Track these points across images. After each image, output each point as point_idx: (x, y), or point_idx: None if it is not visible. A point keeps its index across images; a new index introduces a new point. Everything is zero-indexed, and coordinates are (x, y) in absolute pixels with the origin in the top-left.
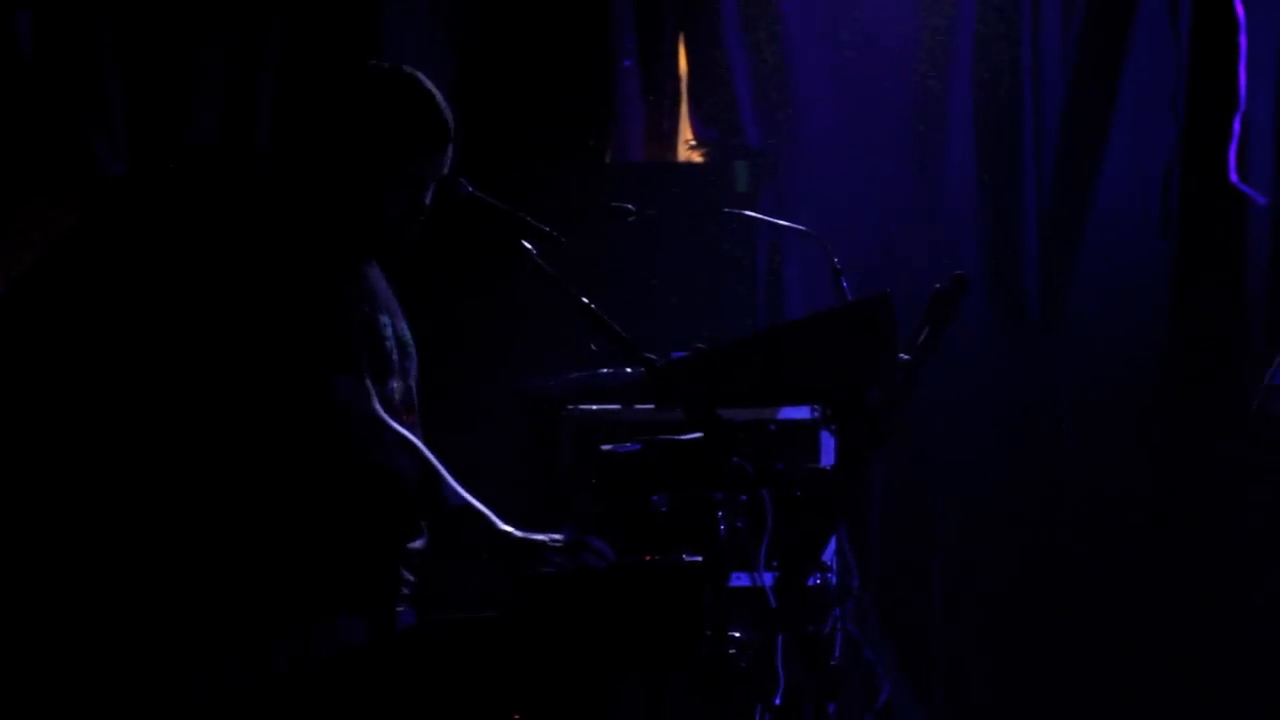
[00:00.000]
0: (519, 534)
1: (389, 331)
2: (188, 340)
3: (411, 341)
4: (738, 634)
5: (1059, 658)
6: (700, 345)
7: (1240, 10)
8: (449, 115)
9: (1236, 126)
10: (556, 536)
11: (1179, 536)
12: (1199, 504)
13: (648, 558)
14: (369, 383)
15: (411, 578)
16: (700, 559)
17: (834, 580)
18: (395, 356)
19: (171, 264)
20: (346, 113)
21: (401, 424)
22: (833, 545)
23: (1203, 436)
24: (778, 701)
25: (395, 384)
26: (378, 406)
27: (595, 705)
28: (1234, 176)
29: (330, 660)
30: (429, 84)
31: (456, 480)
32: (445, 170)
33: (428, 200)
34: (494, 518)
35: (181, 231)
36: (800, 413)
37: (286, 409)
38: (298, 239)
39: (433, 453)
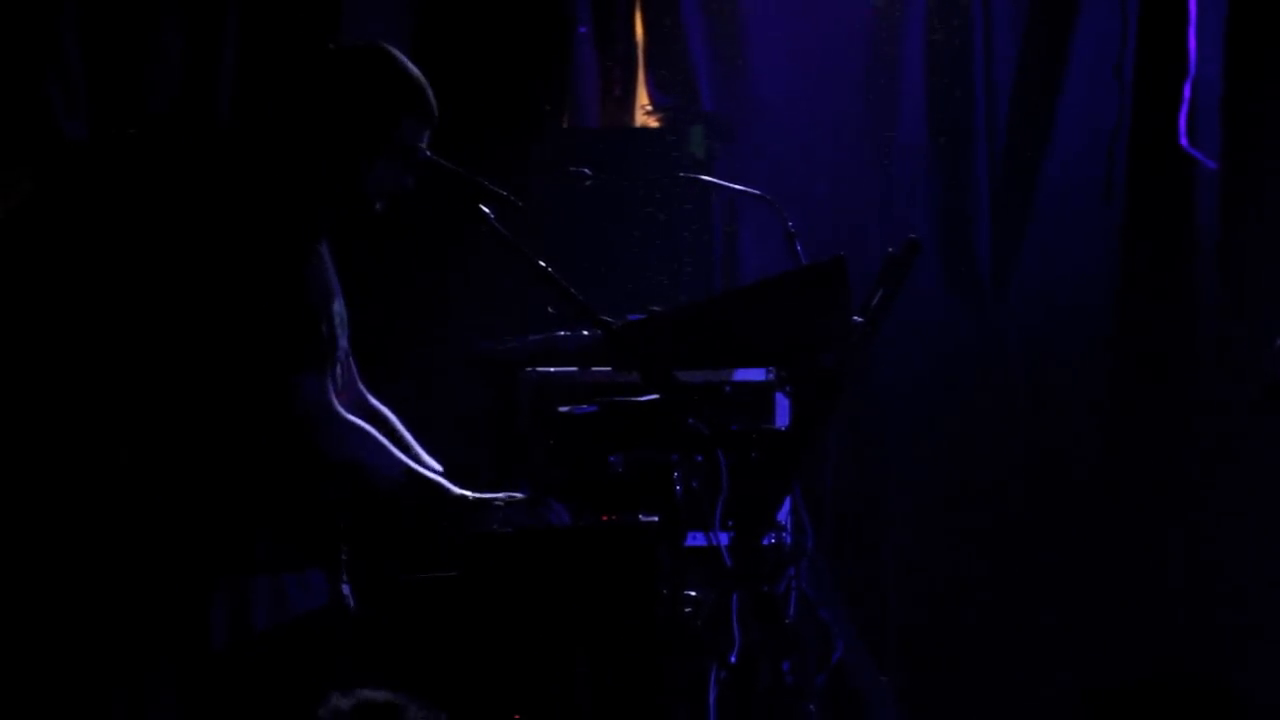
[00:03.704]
0: (473, 495)
1: (338, 320)
2: (147, 315)
3: (345, 315)
4: (693, 593)
5: (1011, 617)
6: (656, 308)
7: None
8: (431, 92)
9: (1187, 92)
10: (515, 495)
11: (1130, 500)
12: (1150, 467)
13: (604, 518)
14: (325, 377)
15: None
16: (656, 519)
17: (788, 540)
18: (339, 341)
19: (133, 234)
20: (331, 86)
21: (352, 399)
22: (787, 505)
23: (1153, 401)
24: (733, 660)
25: (339, 367)
26: (334, 401)
27: (552, 663)
28: (1184, 141)
29: (287, 623)
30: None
31: (409, 449)
32: (425, 149)
33: (407, 181)
34: (447, 484)
35: (144, 200)
36: (755, 375)
37: (246, 399)
38: (270, 220)
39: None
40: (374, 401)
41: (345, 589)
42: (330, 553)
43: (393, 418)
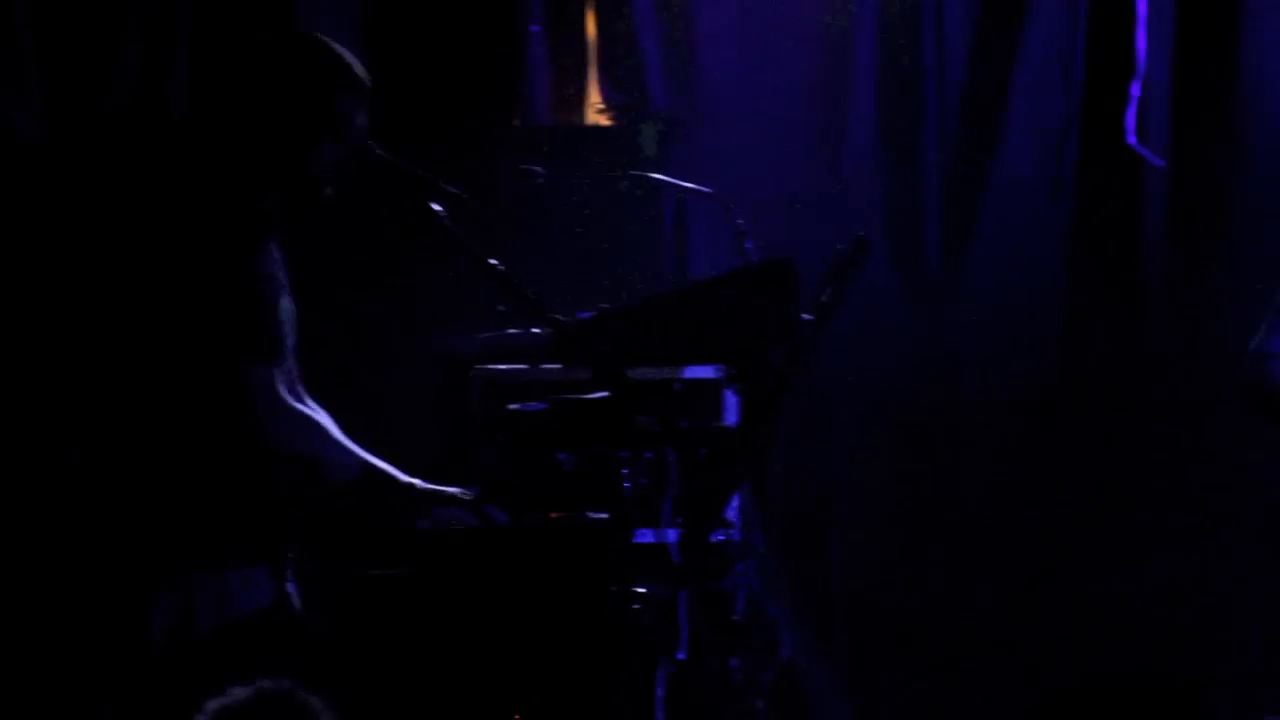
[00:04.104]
0: (423, 485)
1: (286, 317)
2: (100, 309)
3: (294, 313)
4: (642, 590)
5: (960, 614)
6: (606, 305)
7: None
8: (358, 65)
9: (1135, 90)
10: (465, 491)
11: (1078, 495)
12: (1098, 464)
13: (554, 515)
14: (274, 368)
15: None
16: (605, 516)
17: (737, 537)
18: (287, 338)
19: (89, 233)
20: (262, 75)
21: (296, 398)
22: (736, 502)
23: (1101, 398)
24: (681, 656)
25: (288, 362)
26: (284, 392)
27: (499, 660)
28: (1132, 139)
29: (230, 623)
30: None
31: (360, 441)
32: (364, 124)
33: (349, 160)
34: (396, 473)
35: (99, 200)
36: (705, 372)
37: (195, 391)
38: (218, 213)
39: (332, 416)
40: (309, 402)
41: (290, 588)
42: (276, 550)
43: (328, 418)
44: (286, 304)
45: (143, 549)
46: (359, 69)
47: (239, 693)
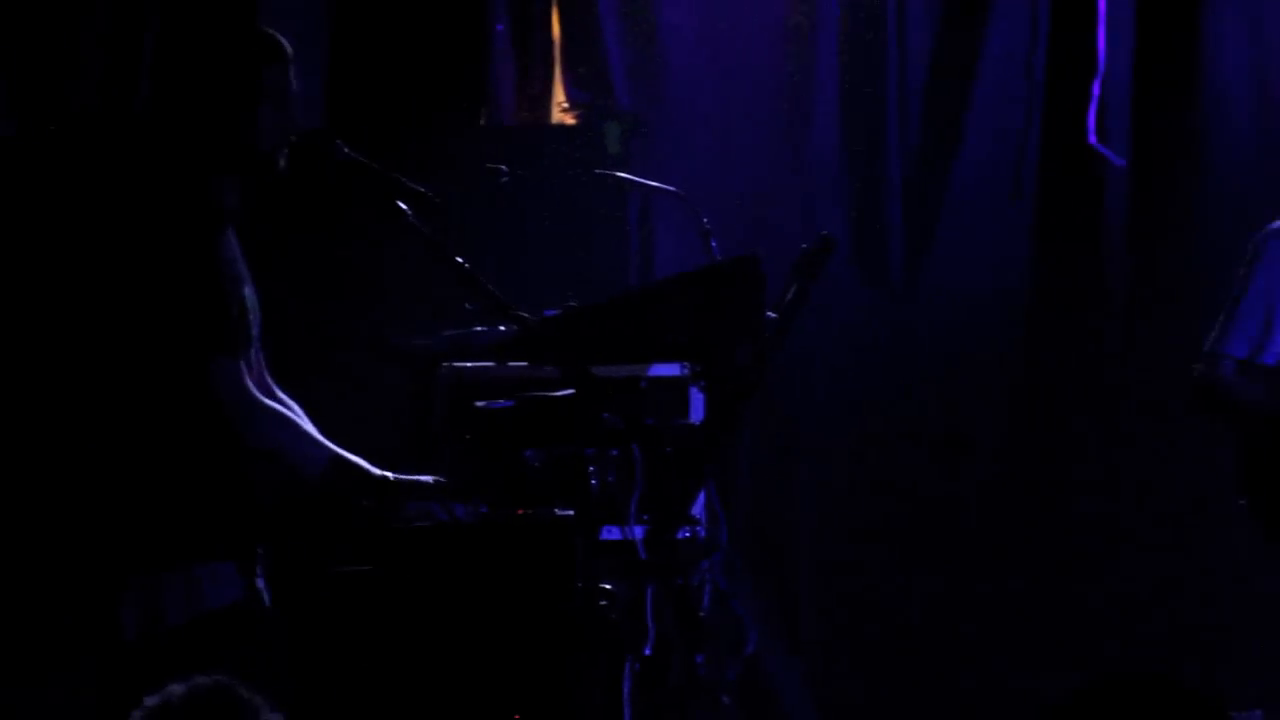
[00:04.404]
0: (394, 476)
1: (250, 304)
2: (65, 306)
3: (256, 303)
4: (608, 586)
5: (921, 609)
6: (572, 304)
7: None
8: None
9: (1096, 89)
10: (438, 480)
11: (1040, 495)
12: (1059, 463)
13: (520, 512)
14: (240, 360)
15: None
16: (572, 513)
17: (703, 533)
18: (251, 328)
19: (54, 231)
20: (197, 61)
21: (260, 389)
22: (701, 499)
23: (1062, 398)
24: (647, 652)
25: (253, 352)
26: (251, 386)
27: (467, 656)
28: (1093, 138)
29: (204, 616)
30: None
31: (329, 436)
32: (298, 90)
33: (294, 125)
34: (368, 466)
35: (64, 198)
36: (670, 370)
37: (160, 385)
38: (176, 207)
39: (302, 411)
40: (280, 394)
41: (260, 583)
42: (245, 546)
43: (299, 411)
44: (249, 295)
45: (111, 544)
46: (279, 38)
47: (175, 690)
